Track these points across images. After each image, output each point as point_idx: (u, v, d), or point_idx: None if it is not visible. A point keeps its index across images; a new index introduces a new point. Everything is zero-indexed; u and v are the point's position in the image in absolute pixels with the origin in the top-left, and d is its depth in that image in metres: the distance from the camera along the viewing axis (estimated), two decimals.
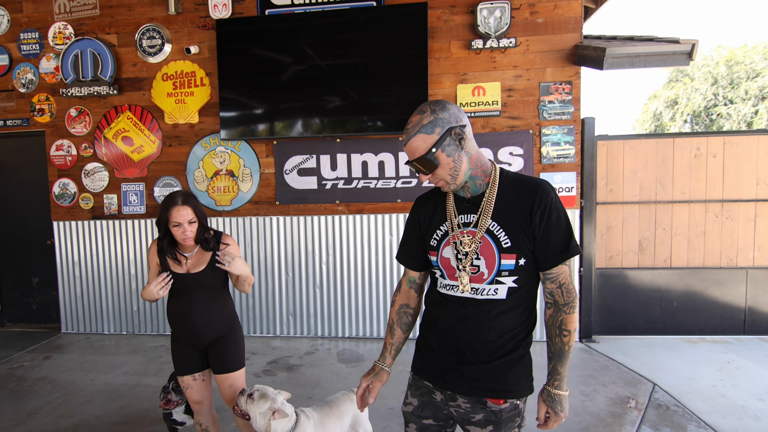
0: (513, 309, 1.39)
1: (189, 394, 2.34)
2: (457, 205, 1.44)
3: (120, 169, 4.77)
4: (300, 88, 4.32)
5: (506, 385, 1.39)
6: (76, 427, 3.06)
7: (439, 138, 1.30)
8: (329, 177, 4.47)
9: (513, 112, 4.26)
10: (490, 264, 1.36)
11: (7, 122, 4.90)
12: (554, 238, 1.33)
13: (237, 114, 4.42)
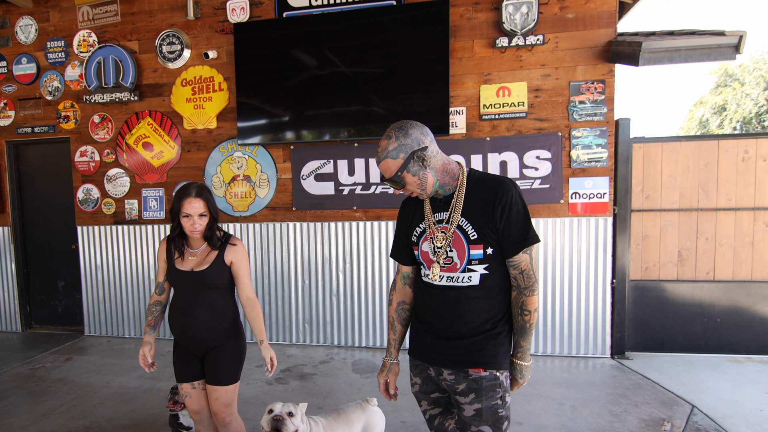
0: (487, 292, 1.57)
1: (188, 402, 2.24)
2: (432, 206, 1.65)
3: (140, 174, 4.75)
4: (317, 91, 4.17)
5: (485, 357, 1.55)
6: (87, 428, 3.06)
7: (404, 162, 1.52)
8: (347, 182, 4.31)
9: (540, 113, 3.98)
10: (461, 255, 1.56)
11: (35, 129, 4.96)
12: (514, 230, 1.52)
13: (254, 118, 4.32)
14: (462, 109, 4.08)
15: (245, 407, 3.25)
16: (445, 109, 3.96)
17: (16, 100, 4.98)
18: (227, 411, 2.18)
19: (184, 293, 2.16)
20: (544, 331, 4.11)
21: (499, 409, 1.57)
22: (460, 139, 4.11)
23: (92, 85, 4.66)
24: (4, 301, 5.27)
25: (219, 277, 2.14)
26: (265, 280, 4.55)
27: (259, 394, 3.47)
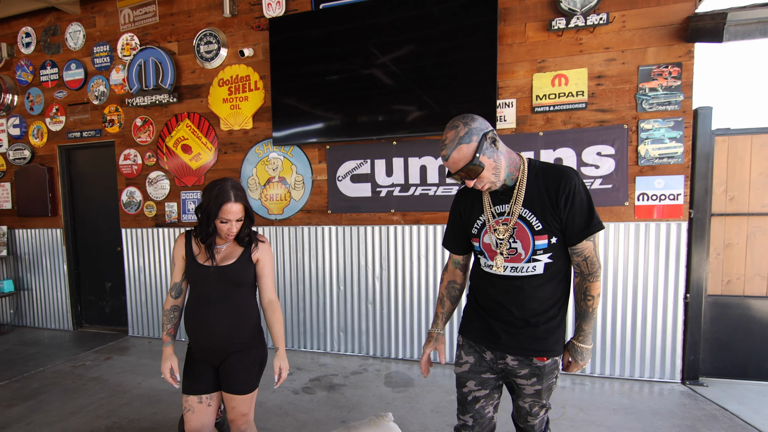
0: (551, 280, 1.59)
1: (188, 418, 1.99)
2: (492, 198, 1.63)
3: (180, 177, 4.66)
4: (353, 86, 3.87)
5: (548, 346, 1.61)
6: (108, 429, 2.97)
7: (478, 144, 1.47)
8: (384, 183, 3.98)
9: (603, 103, 3.47)
10: (526, 245, 1.56)
11: (83, 134, 5.01)
12: (578, 219, 1.52)
13: (289, 117, 4.08)
14: (511, 101, 3.64)
15: (266, 416, 3.06)
16: (491, 102, 3.53)
17: (66, 105, 5.06)
18: (244, 420, 2.02)
19: (204, 291, 1.97)
20: (602, 349, 3.58)
21: (553, 385, 1.70)
22: (509, 134, 3.66)
23: (134, 88, 4.62)
24: (57, 301, 5.38)
25: (245, 274, 1.99)
26: (299, 285, 4.31)
27: (283, 404, 3.25)
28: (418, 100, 3.71)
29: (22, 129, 5.28)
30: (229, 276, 1.96)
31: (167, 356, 2.04)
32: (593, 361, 3.59)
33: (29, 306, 5.54)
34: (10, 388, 3.66)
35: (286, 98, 4.07)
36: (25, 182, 5.28)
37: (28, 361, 4.29)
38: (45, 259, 5.37)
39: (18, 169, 5.30)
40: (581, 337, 1.64)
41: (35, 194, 5.23)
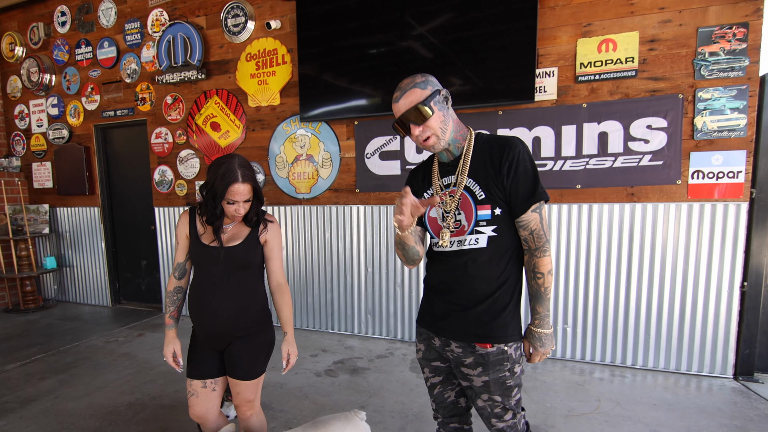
0: (496, 257, 1.49)
1: (192, 402, 1.93)
2: (440, 171, 1.59)
3: (209, 155, 4.61)
4: (381, 55, 3.67)
5: (492, 331, 1.49)
6: (130, 405, 2.97)
7: (431, 93, 1.46)
8: (414, 161, 3.78)
9: (656, 71, 3.13)
10: (469, 216, 1.49)
11: (116, 112, 5.04)
12: (522, 187, 1.45)
13: (317, 92, 3.93)
14: (552, 69, 3.35)
15: (285, 398, 2.99)
16: (530, 71, 3.26)
17: (100, 84, 5.09)
18: (249, 405, 1.95)
19: (209, 273, 1.86)
20: (645, 339, 3.31)
21: (507, 380, 1.52)
22: (548, 107, 3.39)
23: (164, 65, 4.57)
24: (96, 278, 5.51)
25: (251, 256, 1.88)
26: (327, 266, 4.21)
27: (304, 386, 3.17)
28: (451, 71, 3.47)
29: (60, 108, 5.37)
30: (234, 258, 1.85)
31: (170, 340, 1.97)
32: (635, 351, 3.33)
33: (71, 282, 5.71)
34: (46, 361, 3.74)
35: (313, 72, 3.91)
36: (63, 161, 5.38)
37: (66, 335, 4.40)
38: (84, 237, 5.50)
39: (57, 148, 5.40)
40: (537, 321, 1.52)
41: (73, 173, 5.33)
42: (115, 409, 2.90)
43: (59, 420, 2.79)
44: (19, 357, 3.83)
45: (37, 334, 4.47)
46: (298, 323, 4.41)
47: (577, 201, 3.38)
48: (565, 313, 3.47)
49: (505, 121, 3.49)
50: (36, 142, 5.59)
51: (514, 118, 3.47)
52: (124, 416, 2.82)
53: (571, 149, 3.35)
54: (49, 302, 5.69)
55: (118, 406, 2.94)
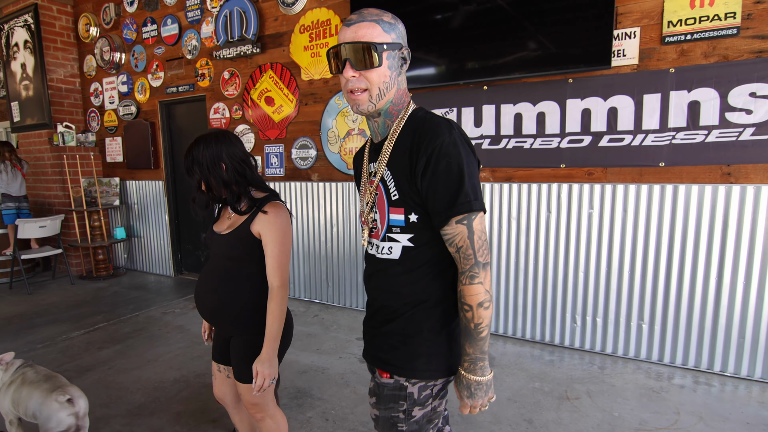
0: (409, 272, 1.17)
1: (213, 383, 1.94)
2: (369, 154, 1.28)
3: (263, 130, 4.56)
4: (436, 21, 3.38)
5: (395, 359, 1.18)
6: (175, 381, 2.97)
7: (392, 43, 1.12)
8: (472, 135, 3.48)
9: (763, 27, 2.61)
10: (382, 218, 1.19)
11: (178, 89, 5.11)
12: (441, 191, 1.06)
13: None
14: (634, 30, 2.90)
15: (326, 385, 2.86)
16: (606, 32, 2.84)
17: (164, 61, 5.18)
18: (255, 410, 1.77)
19: (210, 259, 1.78)
20: (739, 342, 2.83)
21: (399, 423, 1.19)
22: (628, 72, 2.95)
23: (221, 40, 4.55)
24: (161, 249, 5.73)
25: (240, 247, 1.65)
26: None
27: (346, 373, 3.03)
28: (514, 34, 3.12)
29: (128, 86, 5.55)
30: (218, 247, 1.70)
31: None
32: (725, 356, 2.87)
33: (138, 252, 5.98)
34: (107, 330, 3.89)
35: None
36: (132, 137, 5.59)
37: (129, 304, 4.58)
38: (150, 209, 5.71)
39: (126, 124, 5.61)
40: (466, 363, 1.14)
41: (140, 148, 5.52)
42: (161, 385, 2.92)
43: (108, 393, 2.85)
44: (85, 325, 4.01)
45: (104, 301, 4.70)
46: (348, 302, 4.30)
47: (659, 181, 2.94)
48: (640, 308, 3.06)
49: (576, 91, 3.09)
50: (108, 118, 5.85)
51: (587, 86, 3.06)
52: (168, 393, 2.83)
53: (654, 122, 2.90)
54: (119, 270, 6.01)
55: (163, 382, 2.96)
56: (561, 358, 3.18)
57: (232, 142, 1.66)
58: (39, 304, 4.64)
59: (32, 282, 5.51)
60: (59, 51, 5.81)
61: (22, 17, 5.76)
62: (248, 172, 1.67)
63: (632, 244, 3.04)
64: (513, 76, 3.18)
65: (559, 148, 3.18)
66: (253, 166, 1.72)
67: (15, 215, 5.45)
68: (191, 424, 2.50)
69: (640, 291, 3.05)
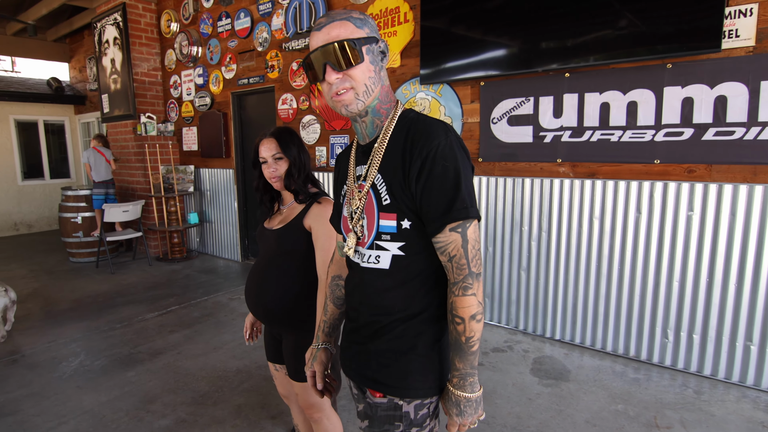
0: (400, 284, 1.06)
1: (275, 382, 1.94)
2: (356, 157, 1.16)
3: (329, 121, 4.48)
4: (515, 3, 3.09)
5: (388, 378, 1.07)
6: (238, 371, 2.96)
7: (366, 37, 1.01)
8: (550, 127, 3.17)
9: None
10: (371, 224, 1.07)
11: (249, 80, 5.16)
12: (436, 197, 0.97)
13: (438, 50, 3.49)
14: (749, 7, 2.46)
15: None
16: (717, 10, 2.43)
17: (237, 53, 5.24)
18: (311, 410, 1.73)
19: (261, 255, 1.75)
20: None
21: None
22: (741, 56, 2.51)
23: (290, 31, 4.50)
24: (230, 234, 5.88)
25: (292, 242, 1.63)
26: None
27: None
28: (602, 14, 2.77)
29: (204, 78, 5.69)
30: (271, 241, 1.68)
31: None
32: None
33: (209, 236, 6.18)
34: (178, 314, 3.99)
35: (435, 28, 3.46)
36: (206, 127, 5.74)
37: (199, 288, 4.71)
38: (221, 196, 5.87)
39: (201, 114, 5.78)
40: (456, 379, 1.04)
41: (213, 138, 5.66)
42: (224, 374, 2.92)
43: (176, 378, 2.88)
44: (159, 307, 4.16)
45: (177, 284, 4.87)
46: None
47: None
48: (749, 327, 2.62)
49: (676, 78, 2.69)
50: (185, 109, 6.05)
51: (690, 72, 2.65)
52: (231, 383, 2.82)
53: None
54: (192, 253, 6.25)
55: (227, 371, 2.96)
56: (648, 376, 2.82)
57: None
58: (120, 284, 4.90)
59: (115, 262, 5.86)
60: (144, 46, 6.08)
61: (112, 16, 6.07)
62: (309, 169, 1.71)
63: (741, 254, 2.61)
64: (600, 62, 2.83)
65: (653, 141, 2.80)
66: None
67: (103, 200, 5.83)
68: (251, 418, 2.46)
69: (749, 307, 2.62)
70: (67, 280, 5.09)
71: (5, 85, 8.22)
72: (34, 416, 2.52)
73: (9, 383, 2.88)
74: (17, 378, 2.94)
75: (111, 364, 3.10)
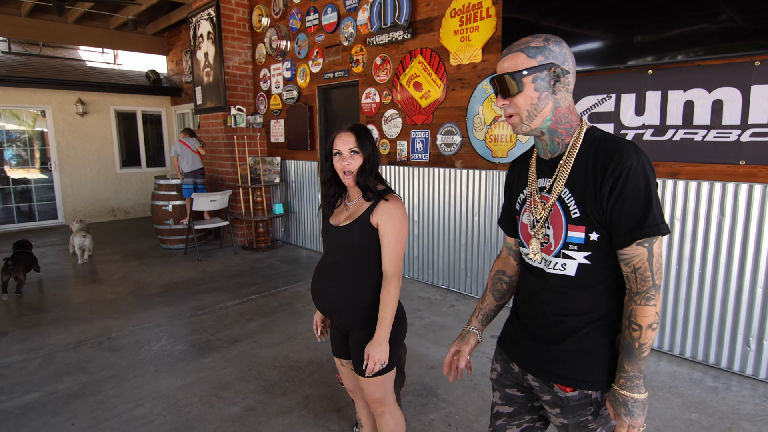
0: (587, 289, 1.32)
1: (342, 377, 2.19)
2: (537, 169, 1.43)
3: (410, 115, 5.12)
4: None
5: (576, 373, 1.33)
6: (310, 362, 3.44)
7: (536, 66, 1.27)
8: (632, 125, 3.52)
9: None
10: (557, 235, 1.33)
11: (335, 74, 5.97)
12: (627, 213, 1.22)
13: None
14: None
15: (454, 386, 3.09)
16: None
17: (323, 48, 6.08)
18: (375, 405, 1.98)
19: (326, 251, 1.98)
20: None
21: (589, 424, 1.37)
22: None
23: (374, 26, 5.21)
24: (312, 225, 6.79)
25: (360, 239, 1.85)
26: None
27: (475, 374, 3.22)
28: (690, 10, 3.08)
29: (292, 72, 6.63)
30: (339, 239, 1.88)
31: None
32: None
33: (293, 227, 7.17)
34: (257, 302, 4.75)
35: (517, 23, 3.94)
36: (293, 119, 6.69)
37: (280, 278, 5.57)
38: (305, 188, 6.80)
39: (288, 107, 6.73)
40: (622, 380, 1.26)
41: (299, 130, 6.59)
42: (296, 364, 3.39)
43: (250, 367, 3.37)
44: (240, 295, 4.96)
45: (259, 273, 5.79)
46: (475, 291, 4.67)
47: None
48: None
49: (764, 75, 2.95)
50: (274, 102, 7.06)
51: None
52: (302, 373, 3.27)
53: None
54: (276, 243, 7.28)
55: (299, 362, 3.42)
56: (727, 385, 3.08)
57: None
58: (206, 271, 5.90)
59: (203, 249, 7.01)
60: (235, 41, 7.18)
61: (206, 11, 7.24)
62: (378, 168, 1.92)
63: None
64: (684, 59, 3.15)
65: (738, 141, 3.07)
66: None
67: (192, 189, 6.98)
68: (318, 410, 2.85)
69: None
70: (156, 266, 6.14)
71: (107, 77, 9.92)
72: (113, 398, 3.00)
73: (93, 365, 3.43)
74: (101, 360, 3.50)
75: (190, 349, 3.65)
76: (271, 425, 2.74)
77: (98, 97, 9.63)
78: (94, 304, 4.74)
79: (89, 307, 4.68)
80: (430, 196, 5.06)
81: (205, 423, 2.77)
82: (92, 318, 4.38)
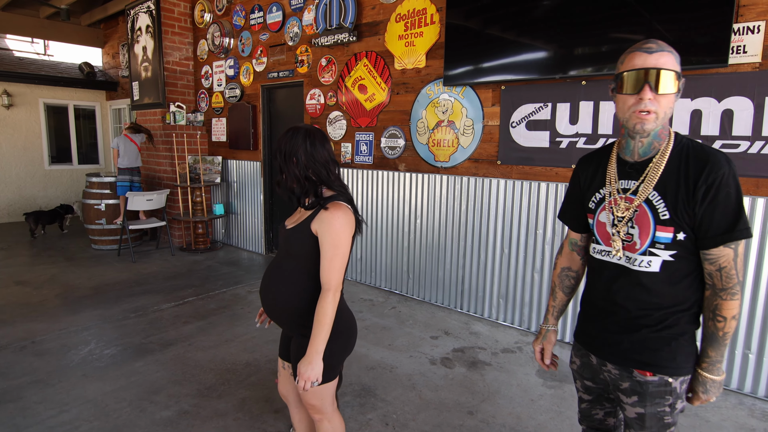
0: (670, 283, 1.40)
1: (278, 379, 2.11)
2: (618, 170, 1.47)
3: (355, 117, 5.08)
4: (537, 11, 3.58)
5: (658, 359, 1.41)
6: (247, 364, 3.36)
7: (679, 73, 1.33)
8: (566, 133, 3.64)
9: None
10: (644, 234, 1.39)
11: (279, 74, 5.83)
12: (718, 218, 1.31)
13: (462, 53, 4.02)
14: (757, 24, 2.86)
15: (391, 386, 3.11)
16: (723, 26, 2.85)
17: (268, 47, 5.93)
18: (312, 411, 1.91)
19: (277, 253, 1.93)
20: None
21: (665, 417, 1.45)
22: (748, 72, 2.92)
23: (320, 27, 5.13)
24: (254, 227, 6.59)
25: (300, 245, 1.76)
26: (461, 241, 4.36)
27: (414, 374, 3.26)
28: (619, 25, 3.22)
29: (235, 70, 6.43)
30: (284, 241, 1.83)
31: None
32: None
33: (234, 228, 6.93)
34: (194, 305, 4.55)
35: (459, 31, 3.99)
36: (235, 118, 6.48)
37: (219, 279, 5.37)
38: (247, 188, 6.59)
39: (231, 106, 6.52)
40: (706, 364, 1.41)
41: (242, 129, 6.39)
42: (233, 367, 3.30)
43: (184, 370, 3.25)
44: (176, 297, 4.74)
45: (197, 275, 5.55)
46: (427, 296, 4.69)
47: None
48: (748, 335, 3.04)
49: (685, 90, 3.12)
50: (216, 100, 6.81)
51: (698, 85, 3.08)
52: (238, 376, 3.18)
53: None
54: (216, 244, 7.02)
55: (236, 364, 3.34)
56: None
57: (316, 142, 1.76)
58: (140, 273, 5.60)
59: (137, 250, 6.64)
60: (176, 35, 6.88)
61: (145, 3, 6.89)
62: (324, 174, 1.76)
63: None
64: (614, 71, 3.29)
65: None
66: (334, 170, 1.81)
67: (128, 187, 6.58)
68: (254, 412, 2.78)
69: (748, 317, 3.04)
70: (87, 267, 5.77)
71: (36, 68, 9.25)
72: (36, 403, 2.82)
73: (14, 370, 3.21)
74: (23, 365, 3.29)
75: (120, 353, 3.49)
76: (206, 428, 2.63)
77: (26, 89, 8.95)
78: (17, 307, 4.38)
79: (11, 309, 4.32)
80: (374, 199, 5.03)
81: (135, 428, 2.63)
82: (14, 321, 4.06)
